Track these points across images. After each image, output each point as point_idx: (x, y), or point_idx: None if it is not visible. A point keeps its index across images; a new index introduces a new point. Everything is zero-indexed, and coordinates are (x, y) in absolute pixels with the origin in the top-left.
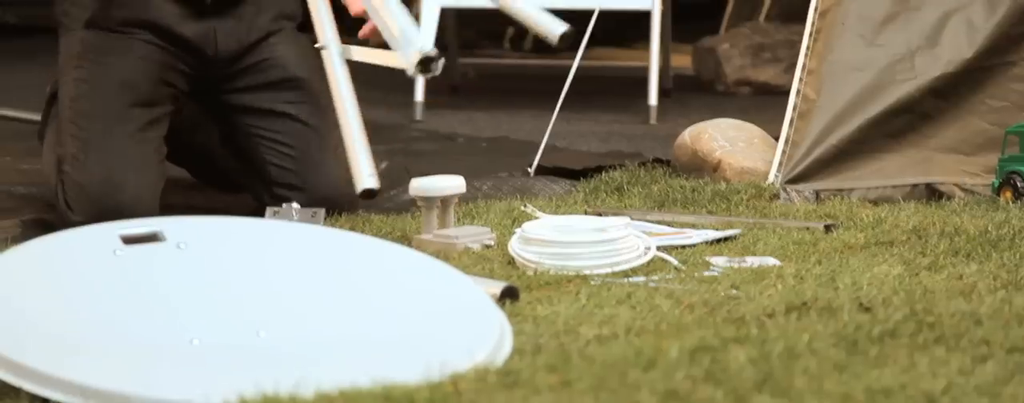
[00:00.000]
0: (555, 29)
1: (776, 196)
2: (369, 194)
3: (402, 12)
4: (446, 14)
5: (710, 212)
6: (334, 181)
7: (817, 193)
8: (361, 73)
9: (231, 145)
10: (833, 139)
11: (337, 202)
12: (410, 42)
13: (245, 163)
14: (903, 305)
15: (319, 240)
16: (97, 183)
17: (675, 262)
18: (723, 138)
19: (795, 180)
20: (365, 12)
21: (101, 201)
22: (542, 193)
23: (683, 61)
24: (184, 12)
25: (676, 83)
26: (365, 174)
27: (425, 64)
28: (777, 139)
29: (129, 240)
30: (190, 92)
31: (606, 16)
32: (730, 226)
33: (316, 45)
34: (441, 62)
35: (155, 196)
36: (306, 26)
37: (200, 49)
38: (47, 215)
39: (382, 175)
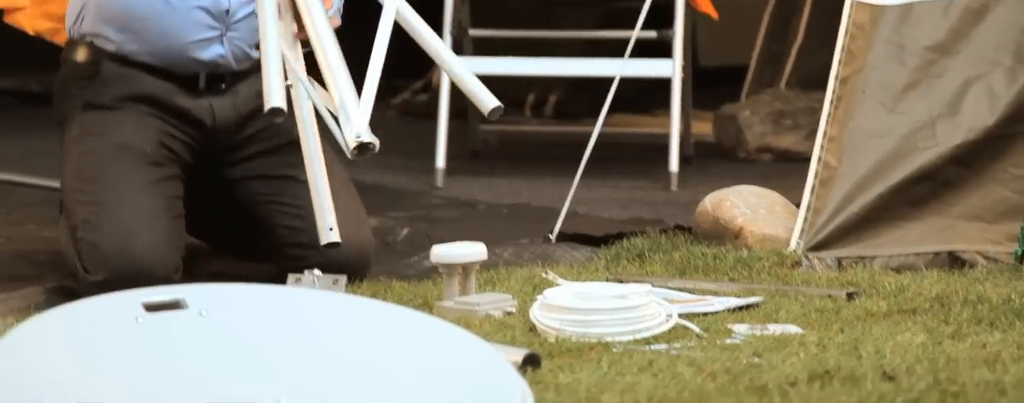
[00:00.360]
0: (487, 103)
1: (798, 263)
2: (333, 246)
3: (344, 76)
4: None
5: (732, 279)
6: (346, 237)
7: (839, 260)
8: (384, 139)
9: (240, 216)
10: (855, 206)
11: (350, 260)
12: (348, 120)
13: (255, 230)
14: (926, 374)
15: (340, 307)
16: (111, 239)
17: (697, 329)
18: (744, 205)
19: (817, 247)
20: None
21: (117, 256)
22: (563, 260)
23: (704, 128)
24: (178, 89)
25: (697, 150)
26: (325, 228)
27: (362, 148)
28: (798, 206)
29: (151, 307)
30: (195, 166)
31: (627, 83)
32: (752, 293)
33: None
34: (377, 144)
35: (172, 249)
36: None
37: (198, 120)
38: (71, 282)
39: (403, 242)
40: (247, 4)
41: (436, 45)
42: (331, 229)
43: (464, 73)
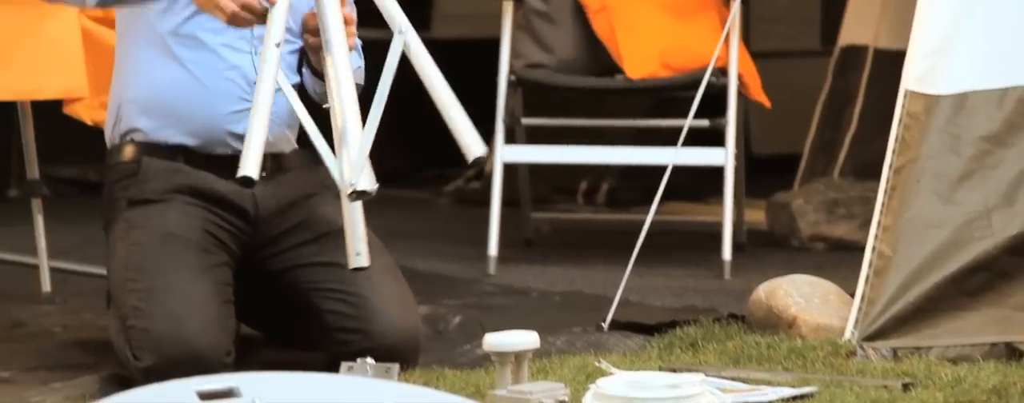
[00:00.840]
0: (474, 149)
1: (853, 353)
2: (360, 270)
3: (352, 104)
4: (519, 169)
5: (786, 369)
6: (393, 319)
7: (895, 351)
8: (437, 226)
9: (288, 304)
10: (910, 296)
11: (398, 344)
12: (346, 148)
13: (303, 317)
14: None
15: (393, 396)
16: (162, 324)
17: None
18: (798, 294)
19: (872, 337)
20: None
21: (168, 341)
22: (616, 348)
23: (757, 216)
24: (219, 178)
25: (750, 238)
26: (354, 253)
27: (359, 194)
28: (853, 296)
29: (205, 396)
30: (241, 256)
31: (679, 171)
32: (806, 383)
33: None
34: (374, 191)
35: (223, 333)
36: None
37: (241, 208)
38: (125, 371)
39: (455, 330)
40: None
41: (435, 79)
42: (359, 254)
43: (457, 113)
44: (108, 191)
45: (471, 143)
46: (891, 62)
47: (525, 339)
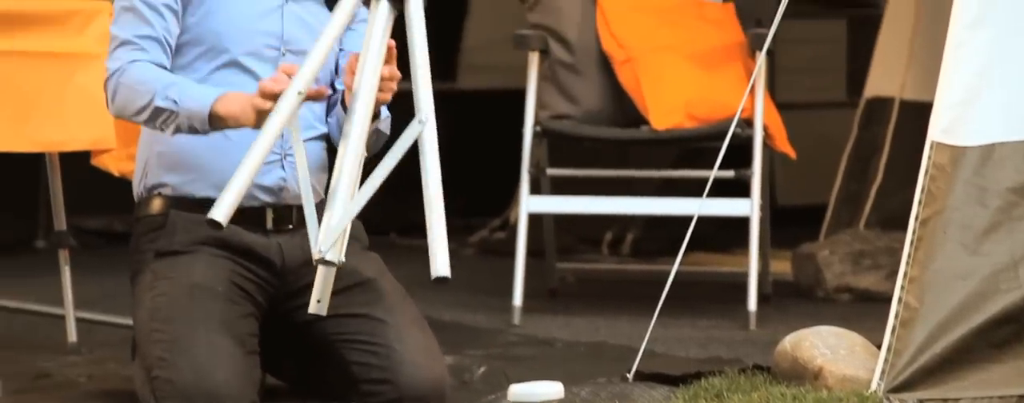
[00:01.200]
0: (437, 269)
1: None
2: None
3: (352, 167)
4: (544, 219)
5: None
6: (420, 370)
7: (921, 402)
8: (462, 276)
9: (314, 355)
10: (937, 348)
11: (425, 395)
12: (333, 209)
13: (329, 369)
14: None
15: None
16: (186, 374)
17: None
18: (824, 345)
19: (898, 389)
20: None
21: (193, 392)
22: (641, 399)
23: (782, 267)
24: (246, 230)
25: (775, 289)
26: (314, 300)
27: (325, 261)
28: (879, 347)
29: None
30: (268, 308)
31: (704, 221)
32: None
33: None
34: (337, 263)
35: (247, 384)
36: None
37: (268, 260)
38: None
39: (480, 380)
40: (303, 129)
41: (432, 181)
42: (319, 302)
43: (438, 225)
44: (135, 243)
45: (439, 264)
46: (917, 113)
47: (550, 390)
